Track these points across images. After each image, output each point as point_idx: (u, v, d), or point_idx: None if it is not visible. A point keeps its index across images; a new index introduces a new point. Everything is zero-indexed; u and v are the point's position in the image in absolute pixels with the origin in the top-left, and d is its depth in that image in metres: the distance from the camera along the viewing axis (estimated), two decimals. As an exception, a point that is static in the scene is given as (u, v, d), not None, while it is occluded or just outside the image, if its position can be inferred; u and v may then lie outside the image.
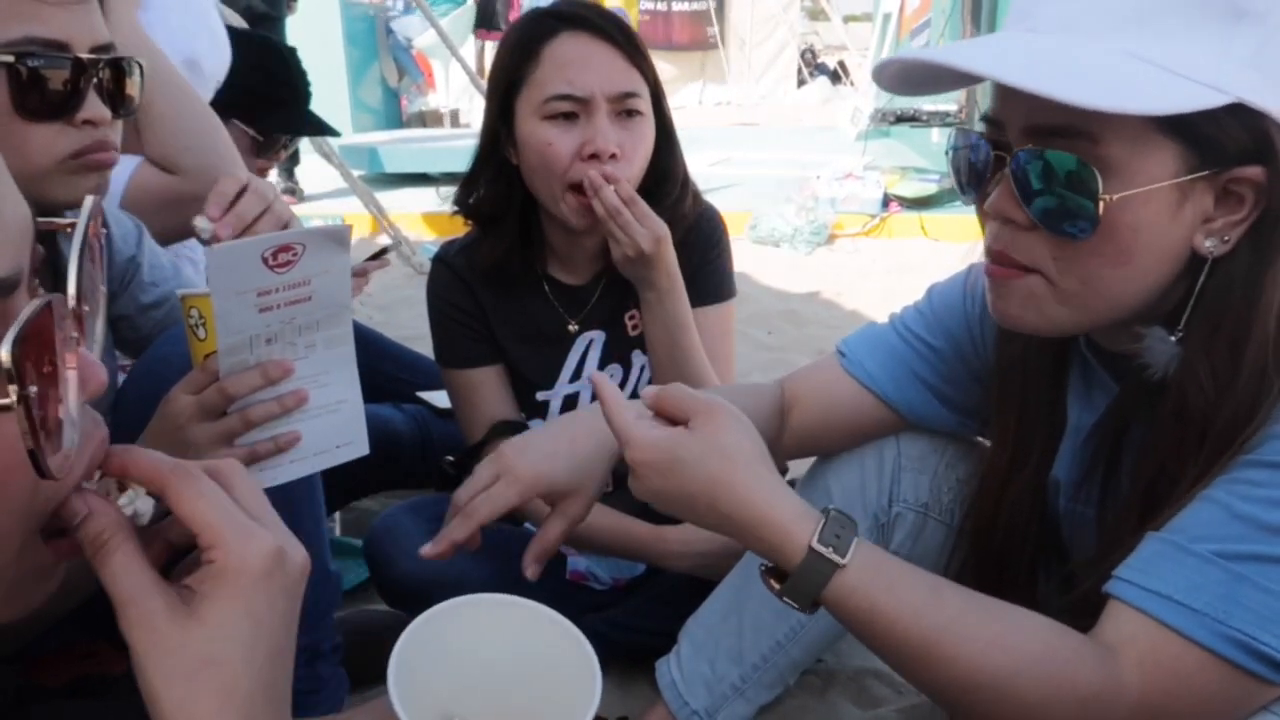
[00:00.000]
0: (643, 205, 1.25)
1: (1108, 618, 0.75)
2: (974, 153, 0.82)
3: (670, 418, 0.86)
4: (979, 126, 0.81)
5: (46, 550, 0.51)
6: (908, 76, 0.82)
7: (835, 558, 0.76)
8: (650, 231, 1.25)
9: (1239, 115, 0.71)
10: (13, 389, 0.43)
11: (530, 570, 1.00)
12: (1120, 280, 0.76)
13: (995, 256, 0.81)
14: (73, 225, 0.52)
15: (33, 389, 0.44)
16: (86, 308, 0.52)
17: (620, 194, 1.24)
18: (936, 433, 1.12)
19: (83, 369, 0.50)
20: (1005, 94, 0.77)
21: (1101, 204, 0.72)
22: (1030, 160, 0.75)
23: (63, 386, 0.48)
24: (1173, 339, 0.78)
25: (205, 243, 1.02)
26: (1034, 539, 0.98)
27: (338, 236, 0.93)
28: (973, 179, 0.83)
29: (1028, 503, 0.97)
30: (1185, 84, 0.69)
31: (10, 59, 0.91)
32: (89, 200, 0.54)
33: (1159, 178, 0.72)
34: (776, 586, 0.80)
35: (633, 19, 8.61)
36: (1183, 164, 0.72)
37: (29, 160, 0.95)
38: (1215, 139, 0.71)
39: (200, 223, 1.02)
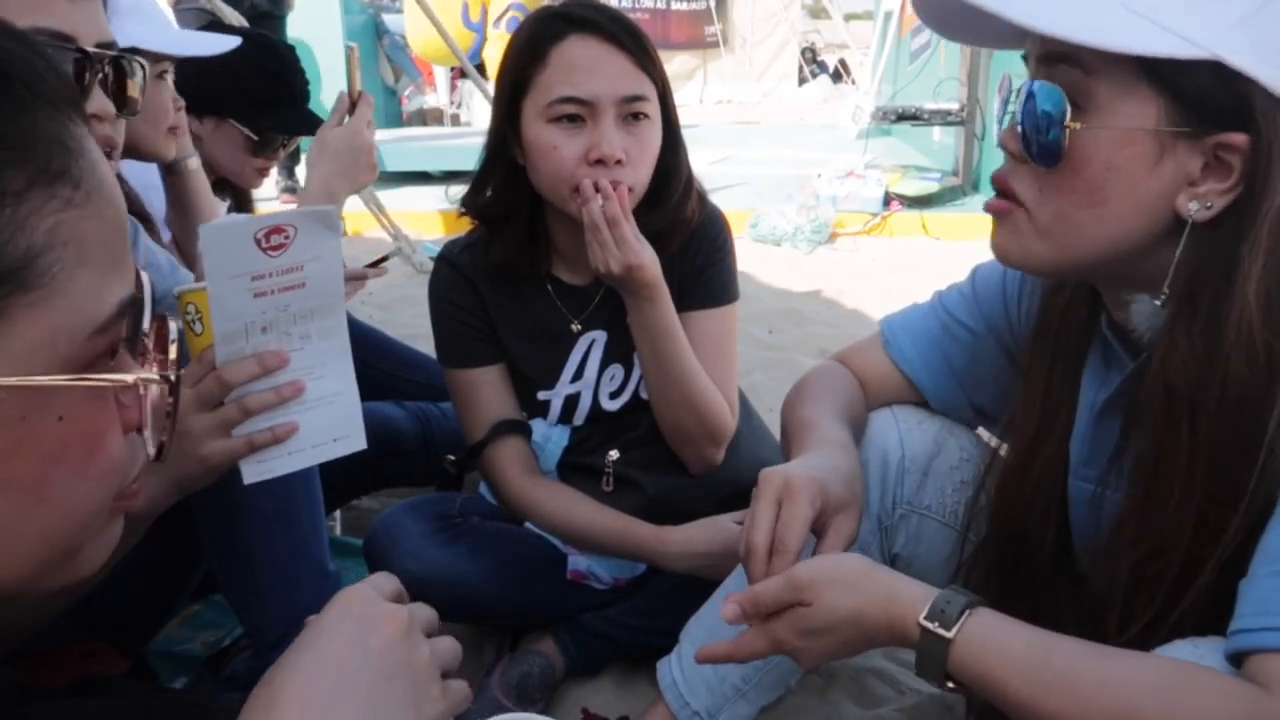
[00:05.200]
0: (624, 229, 1.24)
1: (1250, 674, 0.70)
2: (1010, 90, 0.86)
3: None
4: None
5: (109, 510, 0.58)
6: (940, 14, 0.86)
7: (941, 632, 0.77)
8: (621, 257, 1.24)
9: (1223, 77, 0.72)
10: (155, 373, 0.56)
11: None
12: (1093, 221, 0.79)
13: (994, 182, 0.86)
14: None
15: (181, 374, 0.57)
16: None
17: (606, 211, 1.23)
18: (942, 436, 1.12)
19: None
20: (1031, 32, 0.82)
21: (1067, 131, 0.76)
22: (1027, 91, 0.80)
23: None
24: (1157, 303, 0.80)
25: None
26: (1056, 512, 0.98)
27: (327, 219, 0.94)
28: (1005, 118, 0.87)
29: (1051, 476, 0.98)
30: (1157, 31, 0.72)
31: None
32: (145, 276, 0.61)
33: (1136, 123, 0.75)
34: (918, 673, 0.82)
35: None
36: (1163, 116, 0.75)
37: None
38: (1194, 97, 0.74)
39: None
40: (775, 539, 0.91)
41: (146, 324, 0.59)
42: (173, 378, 0.56)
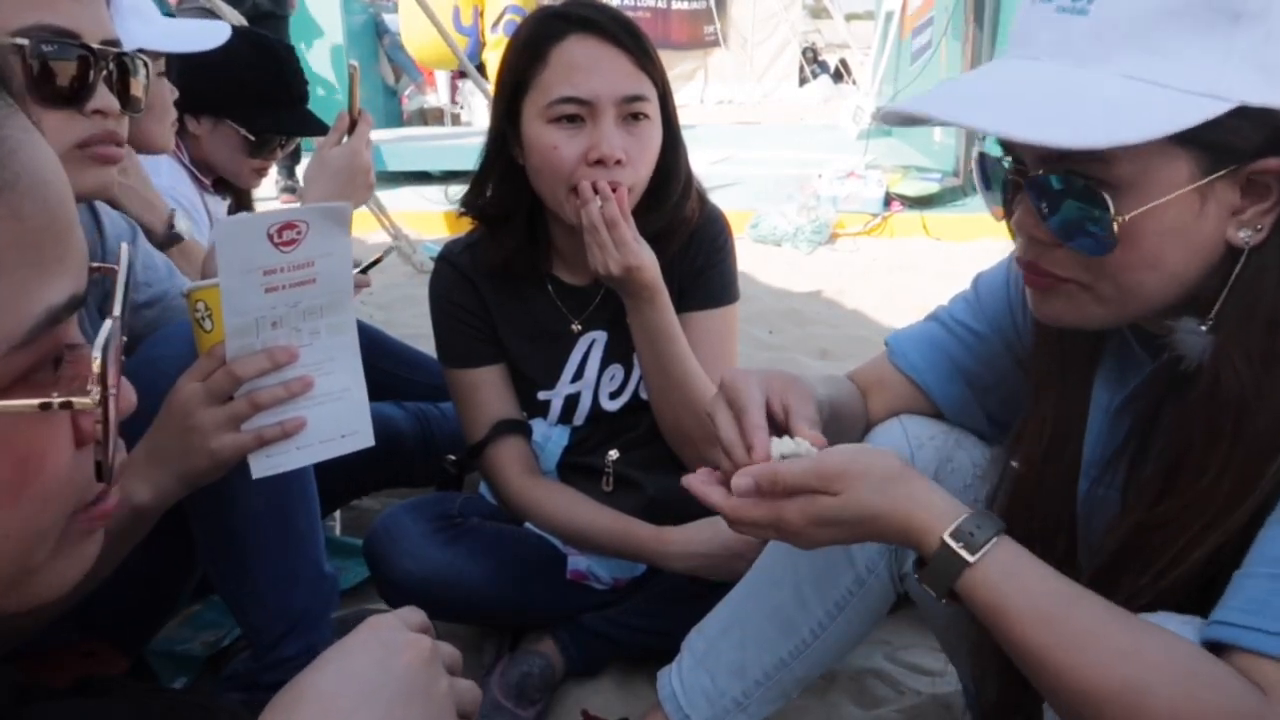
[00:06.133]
0: (623, 231, 1.24)
1: (1245, 669, 0.70)
2: (994, 174, 0.84)
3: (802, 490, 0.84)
4: (997, 150, 0.83)
5: (77, 528, 0.54)
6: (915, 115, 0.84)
7: (964, 554, 0.77)
8: (620, 259, 1.24)
9: (1248, 115, 0.71)
10: (95, 390, 0.48)
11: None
12: (1155, 281, 0.78)
13: (1027, 267, 0.83)
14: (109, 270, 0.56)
15: (110, 392, 0.49)
16: (125, 338, 0.55)
17: (605, 213, 1.23)
18: (955, 452, 1.10)
19: (121, 389, 0.53)
20: None
21: (1116, 224, 0.74)
22: (1045, 184, 0.77)
23: (110, 401, 0.51)
24: (1203, 328, 0.79)
25: None
26: (1069, 521, 0.97)
27: (338, 216, 0.95)
28: (997, 195, 0.85)
29: (1064, 483, 0.96)
30: (1184, 99, 0.70)
31: (25, 43, 0.92)
32: (125, 248, 0.58)
33: (1174, 187, 0.73)
34: (916, 574, 0.82)
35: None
36: (1197, 169, 0.73)
37: None
38: (1226, 142, 0.72)
39: None
40: (739, 420, 0.90)
41: (118, 308, 0.53)
42: (94, 400, 0.48)
